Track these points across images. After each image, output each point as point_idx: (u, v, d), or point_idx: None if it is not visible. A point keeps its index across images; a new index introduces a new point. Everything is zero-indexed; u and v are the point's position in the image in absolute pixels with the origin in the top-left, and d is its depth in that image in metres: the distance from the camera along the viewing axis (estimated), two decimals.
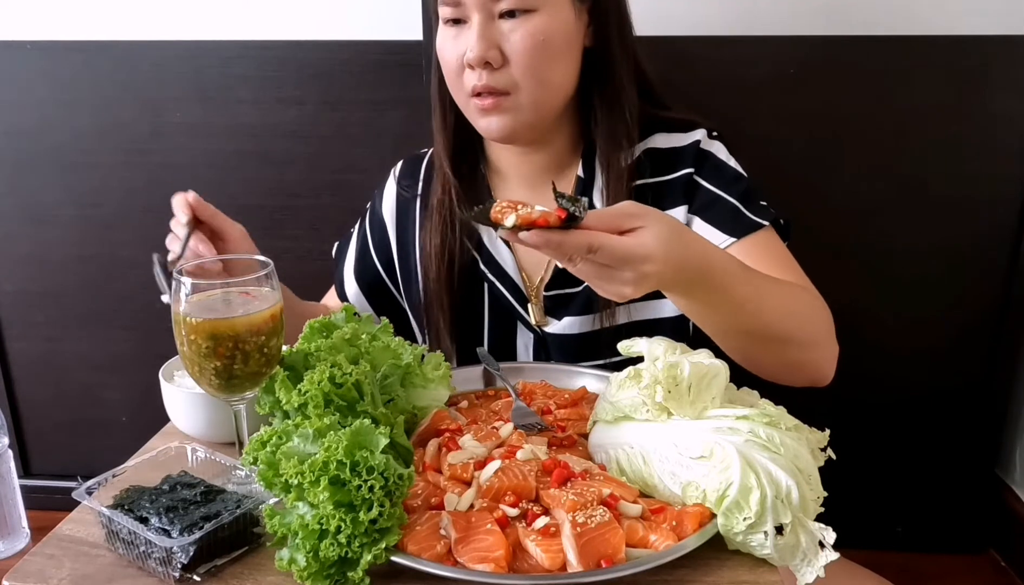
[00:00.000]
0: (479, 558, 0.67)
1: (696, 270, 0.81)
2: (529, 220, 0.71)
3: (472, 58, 1.01)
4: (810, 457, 0.74)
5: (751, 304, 0.88)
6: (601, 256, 0.73)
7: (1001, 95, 1.60)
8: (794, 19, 1.60)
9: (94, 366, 2.02)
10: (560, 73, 1.05)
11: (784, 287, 0.96)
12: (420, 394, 0.90)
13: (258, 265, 0.78)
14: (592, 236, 0.73)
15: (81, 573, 0.72)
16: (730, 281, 0.85)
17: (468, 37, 1.01)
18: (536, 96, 1.04)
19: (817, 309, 0.99)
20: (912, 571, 1.86)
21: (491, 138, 1.11)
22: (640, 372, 0.80)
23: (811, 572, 0.70)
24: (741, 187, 1.09)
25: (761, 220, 1.06)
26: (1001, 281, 1.71)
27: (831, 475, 0.76)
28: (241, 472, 0.80)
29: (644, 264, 0.75)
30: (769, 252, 1.05)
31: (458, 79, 1.05)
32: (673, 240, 0.77)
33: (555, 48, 1.02)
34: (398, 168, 1.28)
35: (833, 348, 0.99)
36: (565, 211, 0.72)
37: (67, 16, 1.74)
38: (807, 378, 0.98)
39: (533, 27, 1.00)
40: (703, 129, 1.13)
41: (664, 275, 0.77)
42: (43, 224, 1.90)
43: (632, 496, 0.74)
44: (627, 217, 0.76)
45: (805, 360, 0.97)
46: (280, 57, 1.72)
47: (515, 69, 1.01)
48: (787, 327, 0.92)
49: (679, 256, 0.78)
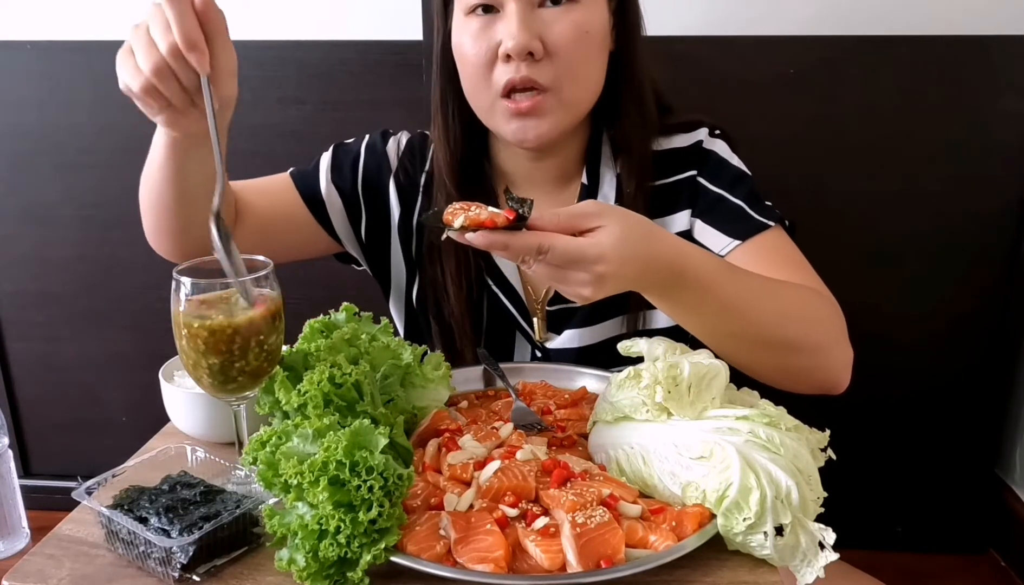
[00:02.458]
0: (479, 558, 0.67)
1: (667, 271, 0.78)
2: (478, 222, 0.71)
3: (514, 46, 0.93)
4: (810, 457, 0.74)
5: (739, 306, 0.84)
6: (552, 257, 0.71)
7: (1001, 95, 1.60)
8: (794, 19, 1.60)
9: (94, 366, 2.02)
10: (597, 71, 1.01)
11: (782, 288, 0.91)
12: (420, 394, 0.90)
13: (258, 264, 0.78)
14: (542, 237, 0.71)
15: (81, 573, 0.71)
16: (711, 281, 0.82)
17: (505, 26, 0.94)
18: (575, 95, 0.99)
19: (824, 311, 0.93)
20: (912, 571, 1.86)
21: (523, 145, 1.02)
22: (640, 372, 0.80)
23: (811, 572, 0.69)
24: (745, 187, 1.05)
25: (767, 221, 1.02)
26: (1001, 281, 1.71)
27: (831, 475, 0.76)
28: (241, 472, 0.80)
29: (596, 264, 0.72)
30: (776, 253, 1.00)
31: (485, 76, 0.97)
32: (633, 240, 0.74)
33: (596, 44, 0.98)
34: (403, 142, 1.18)
35: (844, 353, 0.92)
36: (514, 212, 0.71)
37: (67, 16, 1.74)
38: (816, 386, 0.92)
39: (580, 17, 0.95)
40: (705, 128, 1.10)
41: (623, 276, 0.75)
42: (43, 224, 1.90)
43: (632, 496, 0.74)
44: (585, 216, 0.74)
45: (810, 366, 0.90)
46: (280, 57, 1.72)
47: (557, 62, 0.95)
48: (786, 331, 0.87)
49: (642, 255, 0.75)
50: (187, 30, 0.75)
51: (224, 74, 0.80)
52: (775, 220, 1.02)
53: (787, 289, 0.92)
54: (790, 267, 0.98)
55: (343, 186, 1.14)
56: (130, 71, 0.79)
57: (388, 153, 1.17)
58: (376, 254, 1.18)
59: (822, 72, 1.62)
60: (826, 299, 0.95)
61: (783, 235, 1.04)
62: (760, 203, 1.04)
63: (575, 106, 1.00)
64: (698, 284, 0.81)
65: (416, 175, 1.16)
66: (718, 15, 1.60)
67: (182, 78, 0.78)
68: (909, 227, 1.69)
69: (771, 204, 1.05)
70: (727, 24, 1.61)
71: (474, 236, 0.71)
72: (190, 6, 0.75)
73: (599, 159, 1.10)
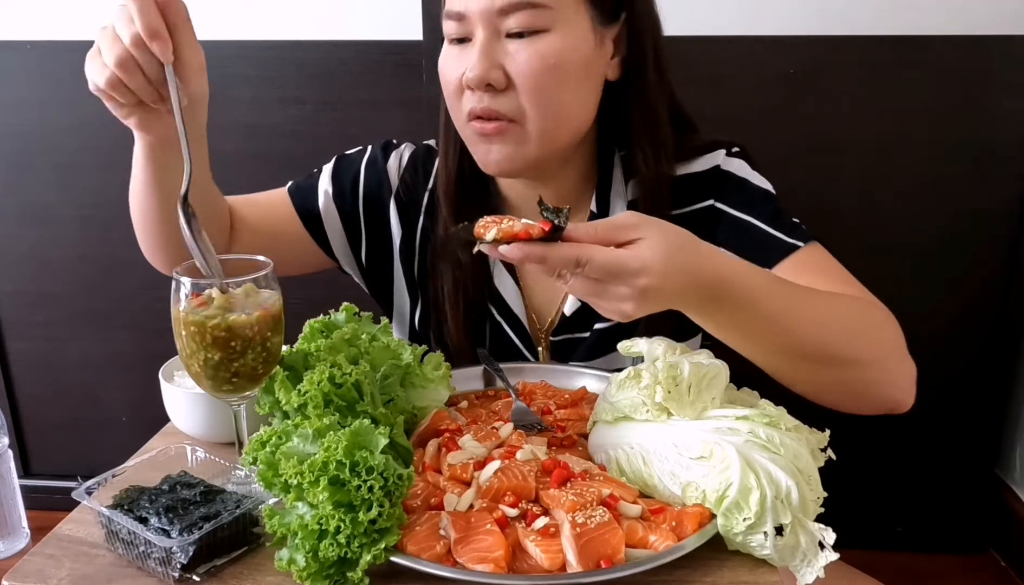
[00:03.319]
0: (479, 558, 0.67)
1: (710, 285, 0.74)
2: (511, 234, 0.68)
3: (471, 78, 0.91)
4: (810, 457, 0.74)
5: (787, 320, 0.79)
6: (591, 270, 0.68)
7: (1001, 95, 1.60)
8: (794, 19, 1.60)
9: (94, 366, 2.02)
10: (573, 103, 0.96)
11: (832, 299, 0.86)
12: (420, 394, 0.90)
13: (258, 265, 0.78)
14: (580, 248, 0.68)
15: (81, 573, 0.71)
16: (757, 295, 0.77)
17: (470, 55, 0.92)
18: (544, 126, 0.94)
19: (878, 321, 0.88)
20: (912, 571, 1.86)
21: (489, 171, 0.99)
22: (640, 372, 0.80)
23: (811, 572, 0.69)
24: (769, 207, 1.00)
25: (795, 241, 0.96)
26: (1001, 281, 1.71)
27: (831, 475, 0.76)
28: (241, 472, 0.80)
29: (639, 277, 0.69)
30: (815, 269, 0.94)
31: (457, 102, 0.96)
32: (676, 251, 0.71)
33: (568, 74, 0.92)
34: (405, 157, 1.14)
35: (905, 367, 0.87)
36: (549, 223, 0.68)
37: (67, 16, 1.74)
38: (877, 404, 0.86)
39: (544, 47, 0.90)
40: (722, 149, 1.05)
41: (667, 290, 0.71)
42: (43, 224, 1.90)
43: (632, 496, 0.74)
44: (624, 228, 0.71)
45: (869, 381, 0.85)
46: (280, 57, 1.72)
47: (521, 94, 0.92)
48: (838, 344, 0.82)
49: (685, 269, 0.71)
50: (148, 19, 0.76)
51: (191, 69, 0.80)
52: (804, 239, 0.97)
53: (839, 300, 0.87)
54: (832, 281, 0.92)
55: (343, 206, 1.12)
56: (97, 68, 0.80)
57: (389, 170, 1.13)
58: (378, 278, 1.16)
59: (822, 72, 1.62)
60: (881, 310, 0.90)
61: (818, 250, 0.98)
62: (786, 222, 0.99)
63: (545, 138, 0.95)
64: (744, 298, 0.77)
65: (418, 193, 1.12)
66: (718, 15, 1.60)
67: (147, 70, 0.78)
68: (909, 227, 1.69)
69: (798, 221, 1.00)
70: (727, 24, 1.61)
71: (508, 249, 0.68)
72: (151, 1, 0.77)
73: (609, 184, 1.05)
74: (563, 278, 0.70)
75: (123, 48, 0.77)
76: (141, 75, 0.79)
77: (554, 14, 0.90)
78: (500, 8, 0.90)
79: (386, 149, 1.16)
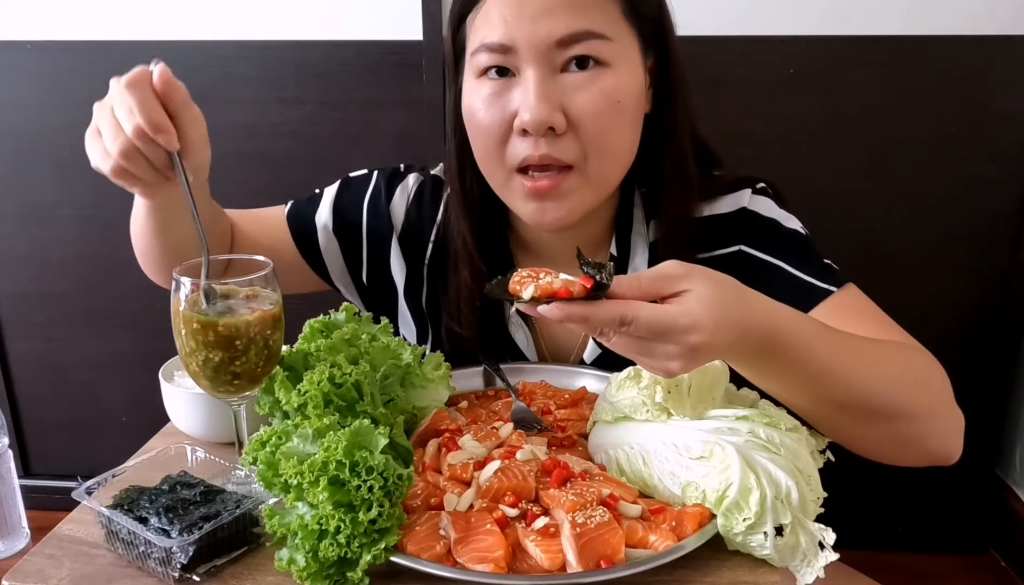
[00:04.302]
0: (479, 558, 0.67)
1: (760, 337, 0.69)
2: (550, 291, 0.63)
3: (532, 122, 0.81)
4: (810, 457, 0.74)
5: (838, 372, 0.74)
6: (637, 329, 0.63)
7: (1001, 95, 1.60)
8: (794, 19, 1.60)
9: (94, 366, 2.02)
10: (629, 143, 0.89)
11: (880, 348, 0.81)
12: (420, 394, 0.90)
13: (258, 265, 0.78)
14: (625, 306, 0.63)
15: (81, 573, 0.71)
16: (807, 346, 0.72)
17: (520, 95, 0.83)
18: (603, 172, 0.87)
19: (928, 371, 0.82)
20: (912, 571, 1.86)
21: (541, 228, 0.91)
22: (640, 372, 0.80)
23: (811, 573, 0.69)
24: (799, 249, 0.94)
25: (829, 287, 0.90)
26: (1001, 281, 1.71)
27: (831, 475, 0.76)
28: (241, 472, 0.80)
29: (689, 335, 0.64)
30: (847, 317, 0.87)
31: (499, 149, 0.86)
32: (726, 304, 0.66)
33: (629, 113, 0.86)
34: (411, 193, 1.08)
35: (954, 419, 0.82)
36: (591, 279, 0.63)
37: (67, 16, 1.74)
38: (927, 456, 0.81)
39: (609, 85, 0.83)
40: (748, 188, 0.98)
41: (717, 345, 0.66)
42: (43, 224, 1.90)
43: (632, 496, 0.74)
44: (669, 280, 0.66)
45: (921, 434, 0.80)
46: (280, 57, 1.72)
47: (584, 137, 0.84)
48: (890, 397, 0.77)
49: (736, 322, 0.67)
50: (150, 113, 0.73)
51: (194, 143, 0.78)
52: (837, 283, 0.91)
53: (886, 349, 0.82)
54: (869, 326, 0.86)
55: (344, 241, 1.08)
56: (99, 154, 0.78)
57: (393, 211, 1.07)
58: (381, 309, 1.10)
59: (822, 72, 1.62)
60: (926, 356, 0.85)
61: (852, 293, 0.92)
62: (818, 265, 0.93)
63: (602, 184, 0.89)
64: (794, 350, 0.72)
65: (425, 229, 1.06)
66: (719, 15, 1.61)
67: (151, 157, 0.77)
68: (909, 227, 1.69)
69: (830, 262, 0.95)
70: (727, 24, 1.61)
71: (547, 309, 0.63)
72: (150, 90, 0.74)
73: (630, 225, 0.99)
74: (605, 336, 0.66)
75: (126, 139, 0.75)
76: (146, 162, 0.77)
77: (615, 47, 0.84)
78: (560, 39, 0.81)
79: (391, 182, 1.09)
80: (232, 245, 1.08)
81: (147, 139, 0.75)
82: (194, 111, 0.78)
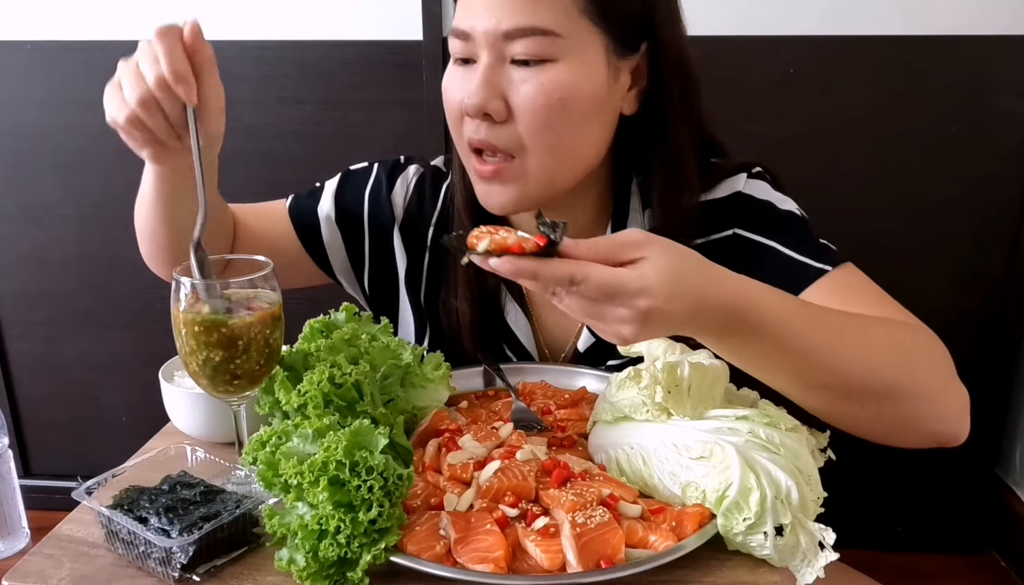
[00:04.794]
0: (478, 558, 0.67)
1: (727, 310, 0.69)
2: (503, 246, 0.64)
3: (469, 106, 0.85)
4: (810, 457, 0.74)
5: (818, 351, 0.73)
6: (586, 289, 0.63)
7: (1001, 95, 1.60)
8: (794, 19, 1.60)
9: (94, 366, 2.02)
10: (582, 141, 0.89)
11: (870, 323, 0.79)
12: (420, 394, 0.90)
13: (258, 265, 0.78)
14: (575, 265, 0.63)
15: (81, 573, 0.71)
16: (782, 324, 0.71)
17: (472, 80, 0.86)
18: (547, 166, 0.88)
19: (925, 349, 0.80)
20: (912, 571, 1.86)
21: (488, 209, 0.94)
22: (640, 372, 0.80)
23: (811, 573, 0.69)
24: (794, 230, 0.93)
25: (824, 266, 0.89)
26: (1000, 281, 1.71)
27: (831, 475, 0.76)
28: (241, 472, 0.80)
29: (639, 299, 0.64)
30: (843, 295, 0.86)
31: (458, 127, 0.90)
32: (682, 274, 0.66)
33: (577, 110, 0.86)
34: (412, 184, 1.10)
35: (956, 397, 0.79)
36: (545, 237, 0.64)
37: (67, 16, 1.74)
38: (930, 437, 0.79)
39: (550, 81, 0.84)
40: (743, 172, 0.98)
41: (672, 314, 0.65)
42: (43, 224, 1.91)
43: (632, 496, 0.74)
44: (628, 246, 0.66)
45: (919, 415, 0.78)
46: (280, 57, 1.72)
47: (521, 127, 0.86)
48: (876, 376, 0.75)
49: (693, 292, 0.66)
50: (175, 62, 0.74)
51: (211, 110, 0.79)
52: (833, 262, 0.90)
53: (878, 325, 0.80)
54: (868, 304, 0.85)
55: (346, 232, 1.09)
56: (117, 103, 0.78)
57: (394, 200, 1.09)
58: (382, 302, 1.13)
59: (822, 72, 1.62)
60: (926, 333, 0.82)
61: (850, 271, 0.91)
62: (813, 245, 0.92)
63: (547, 179, 0.89)
64: (765, 325, 0.70)
65: (424, 220, 1.08)
66: (718, 15, 1.61)
67: (168, 111, 0.77)
68: (908, 227, 1.69)
69: (827, 242, 0.94)
70: (727, 24, 1.61)
71: (499, 262, 0.64)
72: (179, 40, 0.75)
73: (626, 213, 0.99)
74: (558, 296, 0.66)
75: (146, 88, 0.76)
76: (162, 116, 0.78)
77: (565, 43, 0.84)
78: (506, 32, 0.83)
79: (392, 173, 1.11)
80: (235, 239, 1.08)
81: (167, 89, 0.75)
82: (216, 78, 0.79)
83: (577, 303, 0.66)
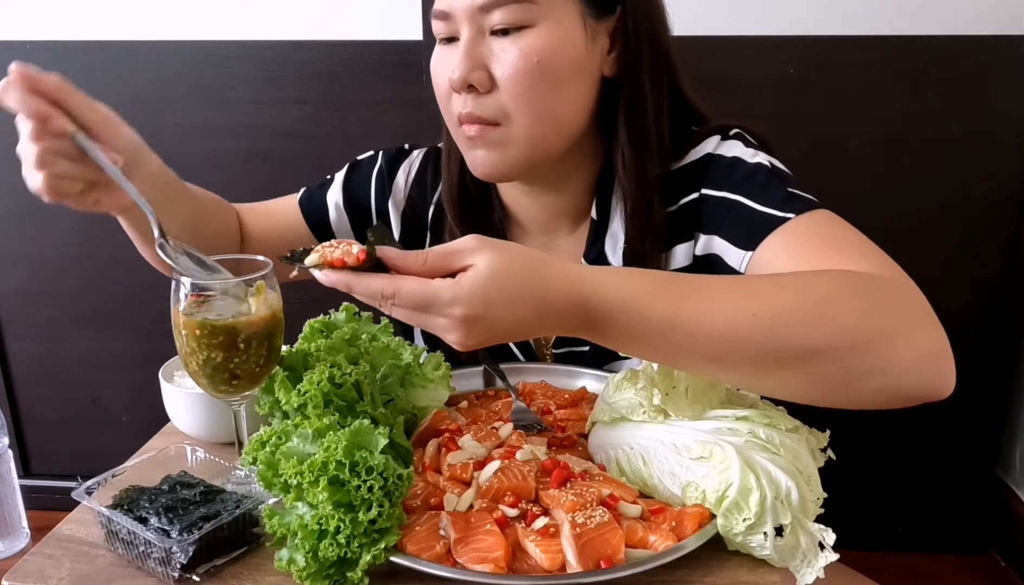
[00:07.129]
0: (478, 558, 0.67)
1: (571, 305, 0.67)
2: (328, 260, 0.67)
3: (454, 80, 0.88)
4: (810, 458, 0.74)
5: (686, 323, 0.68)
6: (401, 301, 0.65)
7: (1001, 95, 1.60)
8: (794, 19, 1.60)
9: (94, 366, 2.02)
10: (562, 103, 0.90)
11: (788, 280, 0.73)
12: (420, 394, 0.90)
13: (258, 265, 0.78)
14: (386, 281, 0.65)
15: (81, 573, 0.71)
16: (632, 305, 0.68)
17: (455, 56, 0.88)
18: (531, 130, 0.90)
19: (867, 292, 0.72)
20: (912, 571, 1.86)
21: (477, 175, 0.95)
22: (636, 373, 0.80)
23: (811, 573, 0.69)
24: (758, 180, 0.90)
25: (785, 214, 0.85)
26: (1001, 281, 1.71)
27: (831, 475, 0.76)
28: (241, 472, 0.80)
29: (452, 307, 0.64)
30: (801, 244, 0.82)
31: (447, 105, 0.93)
32: (506, 278, 0.65)
33: (556, 72, 0.88)
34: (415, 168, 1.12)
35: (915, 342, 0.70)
36: (365, 252, 0.66)
37: (67, 16, 1.74)
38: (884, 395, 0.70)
39: (527, 45, 0.86)
40: (718, 134, 0.97)
41: (498, 319, 0.65)
42: (43, 224, 1.90)
43: (632, 497, 0.74)
44: (458, 254, 0.66)
45: (857, 371, 0.68)
46: (280, 57, 1.72)
47: (504, 95, 0.88)
48: (788, 335, 0.67)
49: (524, 296, 0.66)
50: (28, 107, 0.75)
51: (100, 126, 0.79)
52: (799, 210, 0.85)
53: (799, 280, 0.73)
54: (824, 252, 0.80)
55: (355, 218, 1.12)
56: (31, 179, 0.78)
57: (396, 187, 1.12)
58: None
59: (822, 72, 1.62)
60: (870, 279, 0.74)
61: (817, 217, 0.85)
62: (779, 194, 0.87)
63: (536, 141, 0.91)
64: (615, 312, 0.68)
65: (424, 207, 1.11)
66: (718, 15, 1.61)
67: (63, 153, 0.77)
68: (908, 227, 1.69)
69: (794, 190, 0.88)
70: (727, 24, 1.61)
71: (321, 275, 0.67)
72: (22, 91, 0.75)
73: (611, 191, 0.99)
74: (383, 308, 0.67)
75: (32, 148, 0.76)
76: (63, 161, 0.77)
77: (540, 9, 0.86)
78: (482, 4, 0.86)
79: (395, 160, 1.13)
80: (242, 239, 1.09)
81: (44, 136, 0.75)
82: (79, 97, 0.78)
83: (400, 313, 0.67)
